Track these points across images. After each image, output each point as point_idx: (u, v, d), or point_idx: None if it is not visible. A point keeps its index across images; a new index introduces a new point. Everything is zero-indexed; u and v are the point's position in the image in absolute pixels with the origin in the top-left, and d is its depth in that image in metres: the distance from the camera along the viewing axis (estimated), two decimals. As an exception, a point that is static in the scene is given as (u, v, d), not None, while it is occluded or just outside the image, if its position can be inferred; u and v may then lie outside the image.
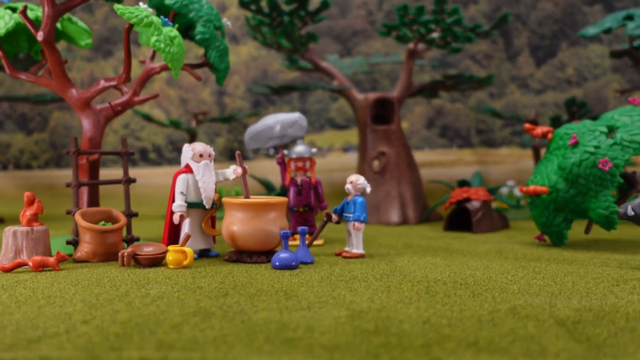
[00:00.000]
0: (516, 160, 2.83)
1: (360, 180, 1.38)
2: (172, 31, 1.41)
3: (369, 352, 0.65)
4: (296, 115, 1.66)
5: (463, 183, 2.11)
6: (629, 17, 1.98)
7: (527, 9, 2.96)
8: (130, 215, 1.47)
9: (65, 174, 2.86)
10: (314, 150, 1.65)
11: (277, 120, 1.65)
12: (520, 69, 2.97)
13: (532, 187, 1.53)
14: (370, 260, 1.31)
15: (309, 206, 1.62)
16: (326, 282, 1.05)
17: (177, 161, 2.86)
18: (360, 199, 1.37)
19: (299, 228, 1.29)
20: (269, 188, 2.41)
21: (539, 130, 1.65)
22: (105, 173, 2.53)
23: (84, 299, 0.91)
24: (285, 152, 1.66)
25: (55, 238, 1.49)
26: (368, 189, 1.40)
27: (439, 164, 2.90)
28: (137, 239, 1.46)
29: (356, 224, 1.36)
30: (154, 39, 1.31)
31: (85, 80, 2.76)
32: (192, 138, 2.50)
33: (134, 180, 1.52)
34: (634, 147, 1.41)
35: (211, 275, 1.13)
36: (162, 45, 1.33)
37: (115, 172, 2.82)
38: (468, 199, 1.93)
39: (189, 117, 2.84)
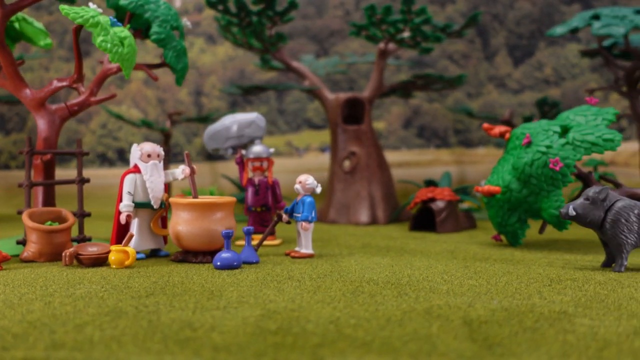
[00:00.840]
0: (493, 160, 2.82)
1: (309, 180, 1.38)
2: (123, 31, 1.41)
3: (257, 352, 0.65)
4: (253, 115, 1.66)
5: (430, 183, 2.11)
6: (596, 17, 1.97)
7: (505, 9, 2.96)
8: (82, 215, 1.47)
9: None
10: (271, 150, 1.65)
11: (234, 120, 1.65)
12: (497, 68, 2.96)
13: (486, 187, 1.52)
14: (317, 261, 1.31)
15: (266, 206, 1.62)
16: (258, 282, 1.05)
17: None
18: (309, 199, 1.37)
19: (244, 228, 1.29)
20: (241, 189, 2.41)
21: (497, 130, 1.64)
22: (87, 173, 2.54)
23: (6, 298, 0.91)
24: (243, 152, 1.65)
25: (8, 238, 1.49)
26: (318, 189, 1.40)
27: (416, 164, 2.90)
28: (89, 239, 1.46)
29: (304, 224, 1.36)
30: (99, 39, 1.31)
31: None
32: (167, 138, 2.50)
33: (87, 180, 1.52)
34: (585, 147, 1.40)
35: (148, 275, 1.12)
36: (109, 46, 1.33)
37: (101, 172, 2.82)
38: (433, 199, 1.92)
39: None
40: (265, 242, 1.59)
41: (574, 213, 1.19)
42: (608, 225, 1.16)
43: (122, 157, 2.98)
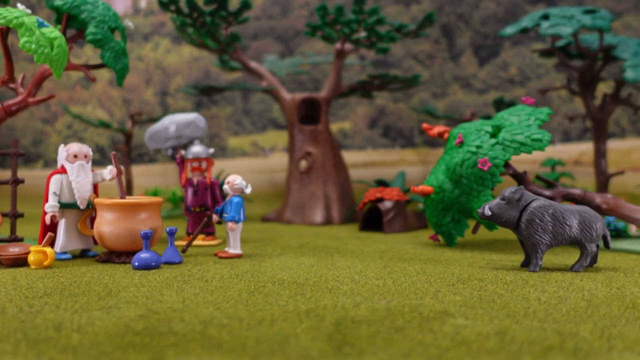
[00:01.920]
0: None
1: (237, 180, 1.38)
2: (52, 32, 1.40)
3: (102, 352, 0.65)
4: (193, 116, 1.66)
5: (380, 183, 2.11)
6: (545, 17, 1.98)
7: (470, 9, 2.96)
8: (15, 215, 1.47)
9: (6, 174, 2.86)
10: (211, 150, 1.65)
11: (172, 120, 1.65)
12: (463, 68, 2.96)
13: (420, 187, 1.53)
14: (241, 261, 1.31)
15: (205, 206, 1.62)
16: (165, 282, 1.05)
17: (122, 162, 2.86)
18: (236, 199, 1.37)
19: (167, 229, 1.29)
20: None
21: (435, 130, 1.64)
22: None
23: None
24: (183, 152, 1.66)
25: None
26: (247, 190, 1.40)
27: (382, 163, 2.90)
28: (21, 239, 1.46)
29: (230, 224, 1.36)
30: (23, 40, 1.31)
31: (26, 82, 2.76)
32: (128, 139, 2.51)
33: (22, 181, 1.52)
34: (514, 147, 1.41)
35: (60, 276, 1.13)
36: (33, 47, 1.33)
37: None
38: (381, 199, 1.92)
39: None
40: (204, 243, 1.60)
41: (490, 213, 1.19)
42: (523, 225, 1.16)
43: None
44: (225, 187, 1.38)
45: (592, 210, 1.18)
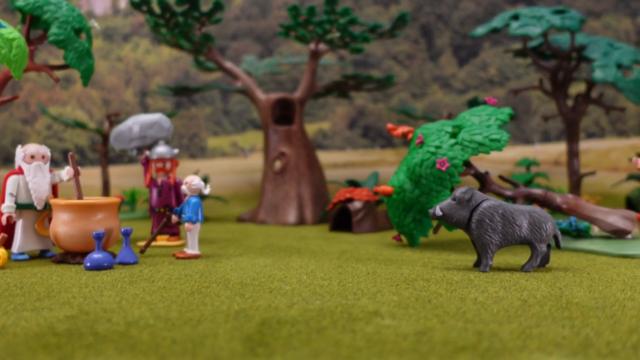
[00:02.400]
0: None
1: (195, 181, 1.38)
2: (11, 33, 1.41)
3: (11, 353, 0.65)
4: (157, 117, 1.66)
5: (351, 183, 2.11)
6: (515, 17, 1.98)
7: (449, 9, 2.96)
8: (-25, 216, 1.47)
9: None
10: (175, 151, 1.65)
11: (135, 121, 1.65)
12: (442, 69, 2.96)
13: (381, 188, 1.53)
14: (197, 261, 1.31)
15: (169, 207, 1.62)
16: (109, 283, 1.05)
17: (99, 162, 2.86)
18: (194, 200, 1.37)
19: (122, 229, 1.29)
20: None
21: (399, 130, 1.64)
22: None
23: None
24: (147, 153, 1.66)
25: None
26: (206, 190, 1.40)
27: (361, 164, 2.90)
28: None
29: (186, 224, 1.36)
30: (-21, 40, 1.31)
31: None
32: (104, 140, 2.50)
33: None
34: (473, 147, 1.41)
35: (8, 276, 1.13)
36: (-11, 47, 1.33)
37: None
38: (351, 200, 1.92)
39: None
40: (168, 243, 1.60)
41: (440, 213, 1.19)
42: (473, 225, 1.17)
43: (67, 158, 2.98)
44: (183, 187, 1.39)
45: (543, 210, 1.18)
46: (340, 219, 1.97)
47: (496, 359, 0.63)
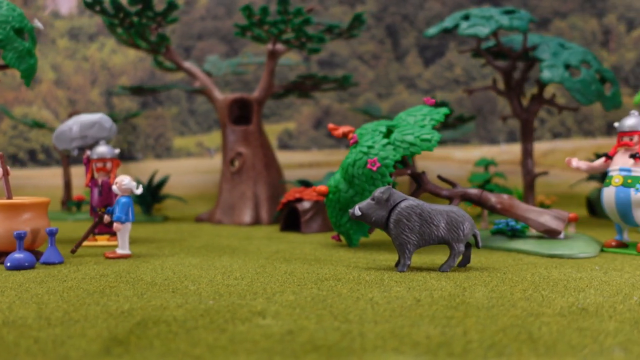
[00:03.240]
0: (404, 160, 2.83)
1: (125, 181, 1.38)
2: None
3: None
4: (97, 116, 1.66)
5: (303, 183, 2.11)
6: (466, 17, 1.98)
7: (415, 9, 2.96)
8: None
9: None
10: (116, 151, 1.65)
11: (76, 121, 1.65)
12: (408, 69, 2.96)
13: (318, 187, 1.53)
14: (124, 261, 1.31)
15: (109, 206, 1.62)
16: (15, 283, 1.05)
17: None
18: (123, 200, 1.37)
19: (47, 229, 1.29)
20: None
21: (340, 130, 1.64)
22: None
23: None
24: (89, 152, 1.65)
25: None
26: (137, 190, 1.40)
27: (327, 164, 2.90)
28: None
29: (115, 224, 1.36)
30: None
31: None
32: (66, 139, 2.50)
33: None
34: (404, 147, 1.41)
35: None
36: None
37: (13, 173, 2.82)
38: (300, 200, 1.92)
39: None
40: (108, 243, 1.60)
41: (359, 213, 1.19)
42: (391, 225, 1.17)
43: (34, 158, 2.99)
44: (114, 187, 1.39)
45: (461, 210, 1.18)
46: (291, 219, 1.98)
47: (344, 358, 0.63)
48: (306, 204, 1.90)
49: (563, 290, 0.97)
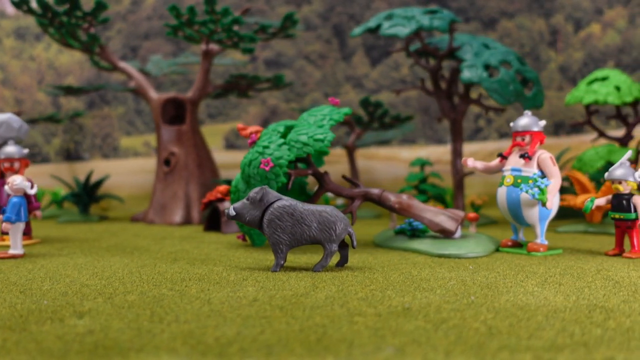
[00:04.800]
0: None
1: (17, 181, 1.38)
2: None
3: None
4: (6, 116, 1.66)
5: (227, 182, 2.11)
6: (389, 17, 1.98)
7: (362, 9, 2.96)
8: None
9: None
10: (25, 151, 1.65)
11: (-18, 121, 1.65)
12: (355, 68, 2.97)
13: (221, 187, 1.53)
14: (10, 261, 1.31)
15: (17, 207, 1.62)
16: None
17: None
18: (14, 200, 1.37)
19: None
20: (73, 189, 2.40)
21: (249, 130, 1.65)
22: None
23: None
24: (-3, 152, 1.65)
25: None
26: (31, 190, 1.40)
27: (273, 164, 2.89)
28: None
29: (4, 224, 1.36)
30: None
31: None
32: (6, 139, 2.50)
33: None
34: (298, 147, 1.41)
35: None
36: None
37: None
38: (222, 199, 1.92)
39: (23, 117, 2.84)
40: (4, 243, 1.60)
41: (234, 213, 1.19)
42: (265, 224, 1.17)
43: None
44: (6, 187, 1.38)
45: (337, 210, 1.19)
46: (215, 219, 1.97)
47: (110, 358, 0.63)
48: (227, 204, 1.90)
49: (411, 289, 0.97)
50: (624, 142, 2.07)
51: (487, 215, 2.20)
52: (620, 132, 2.43)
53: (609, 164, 1.95)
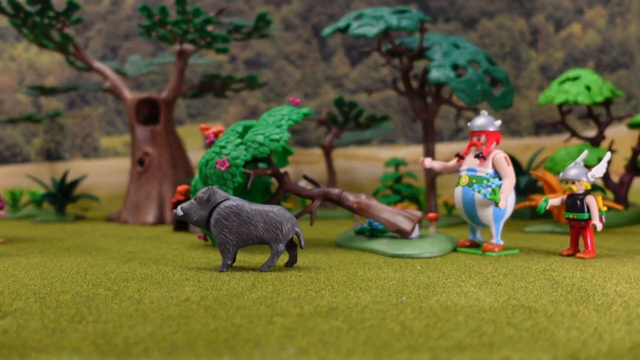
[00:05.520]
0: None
1: (-28, 180, 1.38)
2: None
3: None
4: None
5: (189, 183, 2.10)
6: (359, 17, 1.98)
7: (341, 9, 2.96)
8: None
9: None
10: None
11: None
12: (335, 68, 2.97)
13: (179, 187, 1.53)
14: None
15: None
16: None
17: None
18: (-31, 200, 1.38)
19: None
20: (49, 189, 2.41)
21: (211, 130, 1.65)
22: None
23: None
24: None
25: None
26: (-13, 190, 1.40)
27: (253, 164, 2.89)
28: None
29: (-42, 224, 1.36)
30: None
31: None
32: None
33: None
34: (254, 147, 1.41)
35: None
36: None
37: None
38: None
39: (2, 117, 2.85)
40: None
41: (182, 213, 1.19)
42: (212, 224, 1.17)
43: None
44: (-38, 187, 1.39)
45: (285, 210, 1.19)
46: (185, 219, 1.97)
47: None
48: (195, 204, 1.90)
49: (347, 289, 0.97)
50: (595, 142, 2.07)
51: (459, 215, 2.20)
52: (593, 132, 2.42)
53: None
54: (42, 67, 3.02)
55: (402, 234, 1.43)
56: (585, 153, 1.36)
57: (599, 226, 1.30)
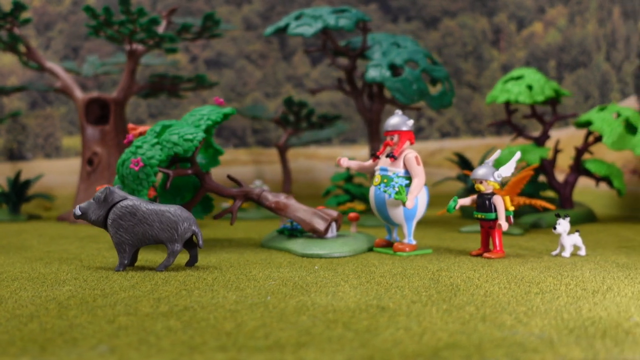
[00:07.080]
0: (292, 160, 2.83)
1: None
2: None
3: None
4: None
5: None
6: (299, 17, 1.98)
7: (302, 8, 2.96)
8: None
9: None
10: None
11: None
12: (295, 68, 2.97)
13: (99, 187, 1.54)
14: None
15: None
16: None
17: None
18: None
19: None
20: (4, 189, 2.41)
21: (139, 130, 1.66)
22: None
23: None
24: None
25: None
26: None
27: (214, 163, 2.90)
28: None
29: None
30: None
31: None
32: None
33: None
34: (169, 147, 1.41)
35: None
36: None
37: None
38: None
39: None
40: None
41: (80, 213, 1.19)
42: (109, 224, 1.17)
43: None
44: None
45: (182, 210, 1.19)
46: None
47: None
48: (134, 204, 1.90)
49: (223, 289, 0.98)
50: (540, 141, 2.07)
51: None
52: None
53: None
54: (3, 67, 3.03)
55: (317, 234, 1.44)
56: (497, 153, 1.36)
57: (505, 226, 1.29)
